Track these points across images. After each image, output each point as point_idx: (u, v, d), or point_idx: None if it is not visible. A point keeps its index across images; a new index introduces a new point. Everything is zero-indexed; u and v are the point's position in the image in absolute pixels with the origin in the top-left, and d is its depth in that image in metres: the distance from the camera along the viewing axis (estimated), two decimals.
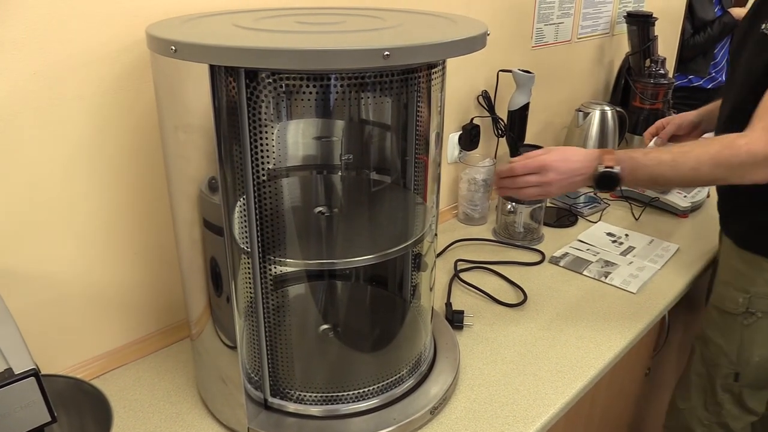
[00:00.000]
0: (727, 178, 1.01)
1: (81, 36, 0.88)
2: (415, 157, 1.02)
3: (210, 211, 0.81)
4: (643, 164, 1.02)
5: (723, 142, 1.00)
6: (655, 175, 1.03)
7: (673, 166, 1.01)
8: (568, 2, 1.84)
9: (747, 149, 0.96)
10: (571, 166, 1.04)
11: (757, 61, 1.07)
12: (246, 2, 1.05)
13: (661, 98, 2.04)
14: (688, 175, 1.01)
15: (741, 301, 1.20)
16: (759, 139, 0.96)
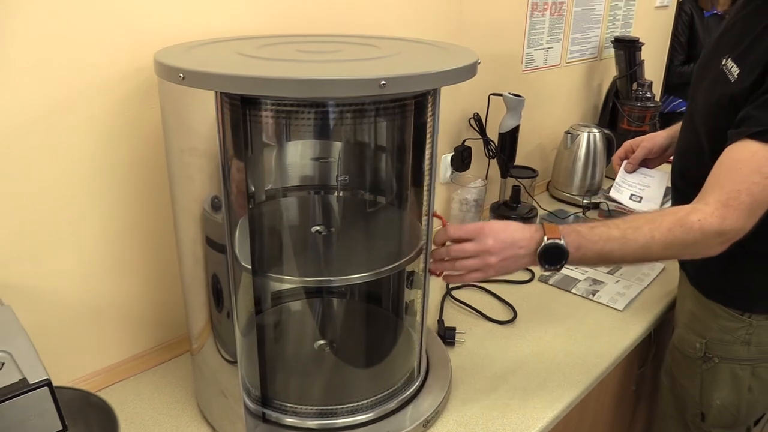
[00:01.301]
0: (680, 255, 0.98)
1: (90, 61, 0.92)
2: (409, 179, 1.06)
3: (213, 229, 0.84)
4: (590, 240, 0.94)
5: (676, 217, 0.94)
6: (604, 252, 0.94)
7: (622, 244, 0.93)
8: (557, 28, 1.90)
9: (700, 226, 0.92)
10: (512, 236, 0.93)
11: (712, 97, 1.06)
12: (248, 29, 1.09)
13: (647, 121, 2.10)
14: (638, 252, 0.94)
15: (698, 346, 1.20)
16: (712, 215, 0.92)
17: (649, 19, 2.39)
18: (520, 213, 1.55)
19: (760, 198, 0.92)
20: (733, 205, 0.92)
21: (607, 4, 2.11)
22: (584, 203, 1.92)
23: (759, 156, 0.92)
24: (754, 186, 0.91)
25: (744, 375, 1.18)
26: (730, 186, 0.93)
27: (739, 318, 1.14)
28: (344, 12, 1.25)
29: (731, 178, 0.94)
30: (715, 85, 1.05)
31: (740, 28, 1.06)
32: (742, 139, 0.94)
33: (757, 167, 0.92)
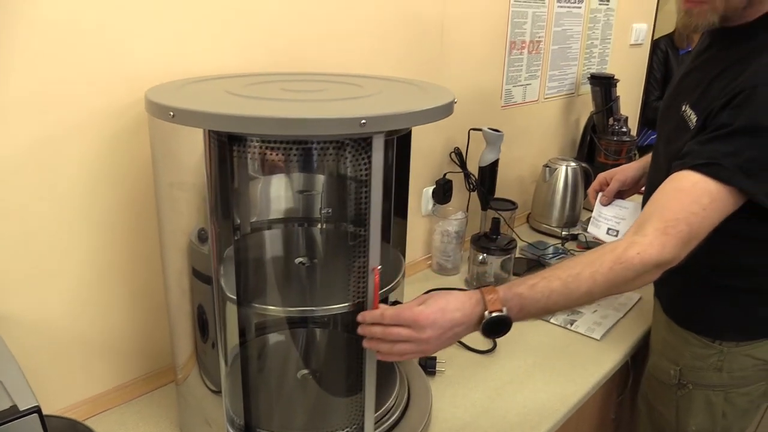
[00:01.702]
0: (623, 290, 0.96)
1: (82, 98, 0.95)
2: (389, 211, 1.10)
3: (199, 260, 0.87)
4: (533, 299, 0.91)
5: (614, 255, 0.92)
6: (548, 306, 0.93)
7: (566, 295, 0.91)
8: (534, 65, 1.97)
9: (640, 260, 0.91)
10: (451, 319, 0.89)
11: (676, 141, 1.09)
12: (236, 67, 1.13)
13: (624, 154, 2.17)
14: (582, 298, 0.93)
15: (672, 372, 1.23)
16: (651, 246, 0.92)
17: (624, 57, 2.48)
18: (499, 244, 1.59)
19: (697, 229, 0.94)
20: (672, 233, 0.93)
21: (583, 43, 2.19)
22: (563, 235, 1.96)
23: (699, 187, 0.94)
24: (692, 216, 0.93)
25: (717, 401, 1.21)
26: (669, 215, 0.94)
27: (710, 345, 1.18)
28: (330, 51, 1.30)
29: (671, 207, 0.95)
30: (678, 131, 1.10)
31: (696, 76, 1.12)
32: (684, 170, 0.97)
33: (696, 198, 0.94)
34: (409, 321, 0.88)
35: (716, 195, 0.93)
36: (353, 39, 1.35)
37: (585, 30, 2.18)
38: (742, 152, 0.93)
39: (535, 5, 1.87)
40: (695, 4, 1.02)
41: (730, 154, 0.94)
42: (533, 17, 1.88)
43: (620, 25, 2.37)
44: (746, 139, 0.93)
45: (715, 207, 0.94)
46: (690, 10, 1.04)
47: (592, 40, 2.25)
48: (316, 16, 1.25)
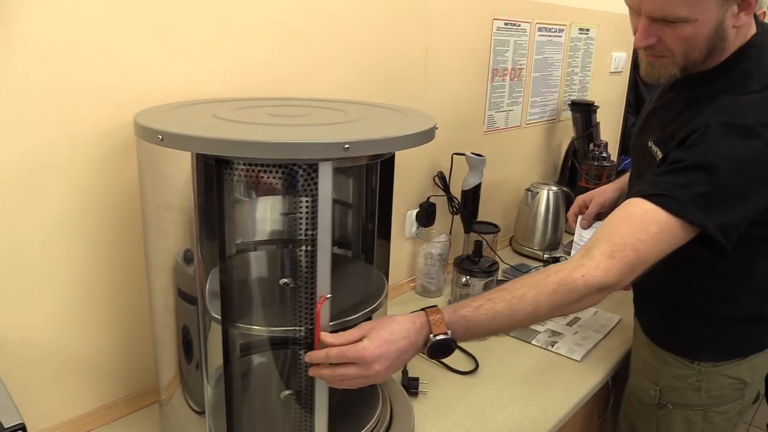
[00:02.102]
0: (567, 312, 0.98)
1: (70, 119, 0.97)
2: (372, 233, 1.12)
3: (184, 281, 0.89)
4: (477, 322, 0.92)
5: (559, 277, 0.94)
6: (492, 329, 0.94)
7: (510, 317, 0.93)
8: (516, 92, 2.02)
9: (584, 282, 0.93)
10: (395, 347, 0.89)
11: (646, 176, 1.12)
12: (224, 91, 1.16)
13: (604, 179, 2.21)
14: (526, 320, 0.94)
15: (653, 393, 1.26)
16: (596, 269, 0.93)
17: (604, 84, 2.54)
18: (482, 267, 1.61)
19: (644, 256, 0.94)
20: (618, 257, 0.94)
21: (564, 70, 2.25)
22: (545, 258, 1.99)
23: (649, 216, 0.95)
24: (640, 243, 0.94)
25: (696, 420, 1.24)
26: (617, 239, 0.95)
27: (688, 366, 1.20)
28: (315, 77, 1.33)
29: (620, 231, 0.96)
30: (649, 167, 1.13)
31: (660, 115, 1.17)
32: (637, 198, 0.99)
33: (645, 225, 0.95)
34: (354, 359, 0.88)
35: (665, 225, 0.95)
36: (338, 66, 1.38)
37: (566, 58, 2.24)
38: (693, 186, 0.95)
39: (516, 34, 1.92)
40: (657, 58, 1.06)
41: (682, 187, 0.96)
42: (515, 45, 1.93)
43: (600, 53, 2.44)
44: (699, 174, 0.96)
45: (663, 237, 0.95)
46: (653, 63, 1.07)
47: (573, 67, 2.31)
48: (302, 43, 1.28)
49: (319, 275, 0.86)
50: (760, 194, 0.98)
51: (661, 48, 1.03)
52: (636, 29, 1.04)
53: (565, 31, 2.18)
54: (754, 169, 0.96)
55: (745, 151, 0.95)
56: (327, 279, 0.87)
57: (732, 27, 1.00)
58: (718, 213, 0.96)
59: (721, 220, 0.96)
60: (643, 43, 1.03)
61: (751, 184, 0.97)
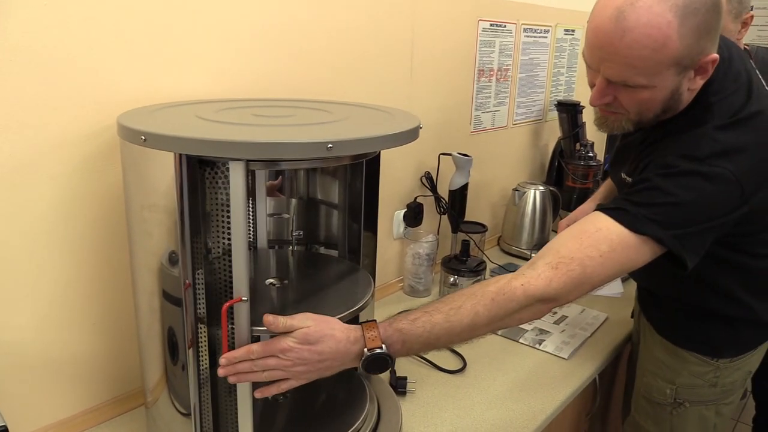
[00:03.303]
0: (507, 324, 0.95)
1: (55, 121, 0.97)
2: (358, 233, 1.12)
3: (169, 282, 0.88)
4: (415, 334, 0.90)
5: (497, 286, 0.92)
6: (431, 341, 0.92)
7: (448, 328, 0.90)
8: (503, 92, 2.03)
9: (523, 291, 0.91)
10: (323, 349, 0.87)
11: None
12: (209, 93, 1.16)
13: (590, 178, 2.22)
14: (464, 332, 0.92)
15: (668, 392, 1.26)
16: (537, 278, 0.91)
17: None
18: (470, 266, 1.62)
19: (590, 273, 0.93)
20: (562, 270, 0.92)
21: (549, 71, 2.26)
22: (533, 257, 2.00)
23: (603, 233, 0.94)
24: (588, 260, 0.92)
25: (709, 414, 1.26)
26: (564, 252, 0.94)
27: (708, 363, 1.22)
28: (300, 79, 1.33)
29: (569, 245, 0.95)
30: (622, 190, 1.16)
31: (629, 151, 1.19)
32: (595, 212, 0.99)
33: (596, 242, 0.93)
34: (278, 351, 0.86)
35: (617, 244, 0.93)
36: (324, 68, 1.38)
37: (551, 59, 2.25)
38: (651, 203, 0.95)
39: (502, 35, 1.93)
40: (611, 113, 1.05)
41: (639, 204, 0.95)
42: (501, 46, 1.94)
43: None
44: (656, 192, 0.96)
45: (614, 257, 0.93)
46: (606, 117, 1.07)
47: (559, 68, 2.32)
48: (287, 45, 1.29)
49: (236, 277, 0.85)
50: (719, 219, 0.98)
51: (616, 106, 1.03)
52: (591, 83, 1.04)
53: (550, 32, 2.19)
54: (709, 200, 0.96)
55: (701, 182, 0.95)
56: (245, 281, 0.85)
57: (687, 90, 1.00)
58: (676, 226, 0.94)
59: (679, 231, 0.95)
60: (598, 102, 1.02)
61: (708, 212, 0.97)
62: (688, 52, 0.92)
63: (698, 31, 0.91)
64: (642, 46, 0.91)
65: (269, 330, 0.87)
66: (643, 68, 0.93)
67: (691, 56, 0.94)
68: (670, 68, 0.94)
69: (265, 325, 0.87)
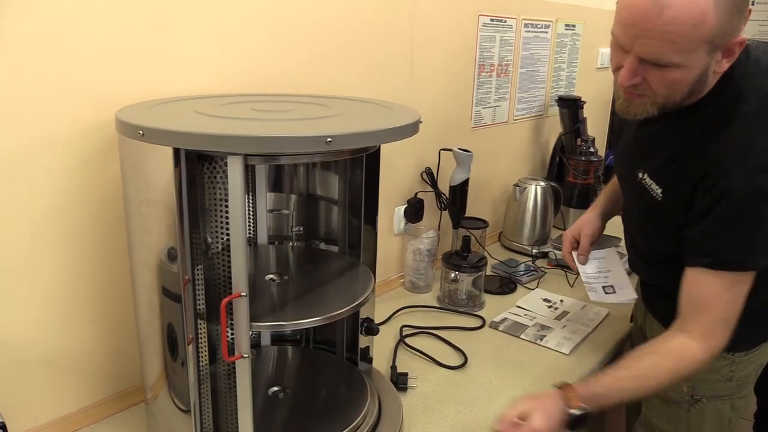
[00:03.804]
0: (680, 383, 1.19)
1: (52, 117, 0.96)
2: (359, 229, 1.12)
3: (169, 279, 0.88)
4: (608, 397, 1.08)
5: (674, 359, 1.07)
6: (618, 400, 1.10)
7: (635, 391, 1.09)
8: (503, 87, 2.02)
9: (696, 361, 1.07)
10: (554, 423, 1.04)
11: (641, 205, 1.17)
12: (208, 88, 1.15)
13: (592, 174, 2.22)
14: (648, 394, 1.16)
15: (685, 389, 1.25)
16: (703, 350, 1.06)
17: (591, 80, 2.55)
18: (470, 262, 1.62)
19: (733, 314, 1.06)
20: (716, 334, 1.06)
21: (550, 66, 2.25)
22: (534, 253, 2.00)
23: (718, 285, 1.05)
24: (727, 311, 1.05)
25: (725, 409, 1.25)
26: (706, 319, 1.07)
27: (723, 357, 1.20)
28: (299, 74, 1.33)
29: (705, 312, 1.06)
30: (641, 196, 1.16)
31: (649, 146, 1.16)
32: (697, 267, 1.06)
33: (720, 293, 1.05)
34: None
35: (737, 281, 1.05)
36: (323, 63, 1.38)
37: (552, 54, 2.24)
38: (741, 238, 1.01)
39: (502, 30, 1.93)
40: (637, 96, 1.05)
41: (734, 243, 1.02)
42: (501, 41, 1.93)
43: (586, 49, 2.45)
44: (741, 224, 1.00)
45: (739, 290, 1.05)
46: (631, 100, 1.06)
47: (560, 63, 2.31)
48: (288, 40, 1.28)
49: (235, 273, 0.85)
50: None
51: (644, 87, 1.03)
52: (617, 65, 1.04)
53: (551, 27, 2.18)
54: None
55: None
56: (244, 277, 0.86)
57: (713, 72, 1.00)
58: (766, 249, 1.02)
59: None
60: (628, 82, 1.02)
61: None
62: (721, 30, 0.93)
63: (731, 10, 0.92)
64: (681, 22, 0.91)
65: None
66: (680, 45, 0.94)
67: (723, 35, 0.94)
68: (703, 46, 0.94)
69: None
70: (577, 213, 2.25)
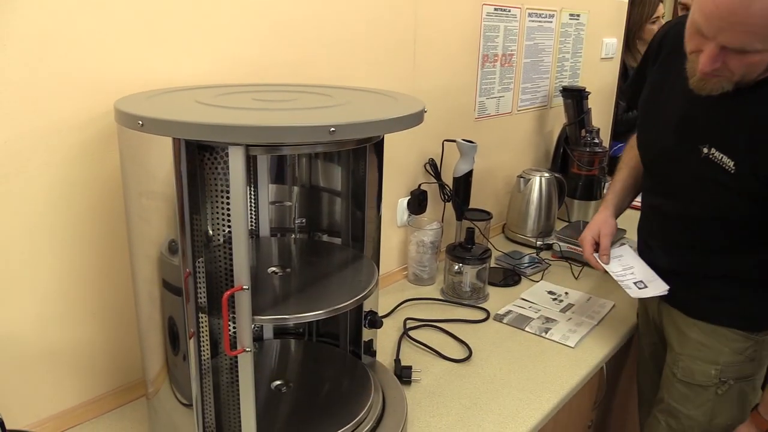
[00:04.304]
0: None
1: (51, 107, 0.95)
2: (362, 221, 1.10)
3: (169, 272, 0.87)
4: None
5: None
6: None
7: None
8: (507, 78, 2.00)
9: None
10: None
11: (707, 182, 1.15)
12: (210, 78, 1.13)
13: (596, 165, 2.20)
14: None
15: (713, 373, 1.26)
16: None
17: (595, 70, 2.52)
18: (474, 254, 1.60)
19: None
20: None
21: (554, 56, 2.23)
22: (538, 245, 1.98)
23: None
24: None
25: (748, 390, 1.27)
26: None
27: (748, 338, 1.23)
28: (302, 64, 1.31)
29: None
30: (705, 172, 1.15)
31: (714, 117, 1.14)
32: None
33: None
34: None
35: None
36: (326, 53, 1.36)
37: (556, 44, 2.22)
38: None
39: (506, 19, 1.90)
40: (714, 76, 1.06)
41: None
42: (505, 31, 1.91)
43: (591, 39, 2.42)
44: None
45: None
46: (708, 79, 1.07)
47: (564, 53, 2.29)
48: (290, 30, 1.26)
49: (237, 266, 0.84)
50: None
51: (722, 69, 1.04)
52: (696, 49, 1.05)
53: (555, 16, 2.15)
54: None
55: None
56: (245, 269, 0.84)
57: None
58: None
59: None
60: (710, 68, 1.03)
61: None
62: None
63: None
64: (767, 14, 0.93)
65: None
66: (764, 35, 0.96)
67: None
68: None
69: None
70: (581, 204, 2.24)
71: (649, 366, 1.51)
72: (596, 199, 2.24)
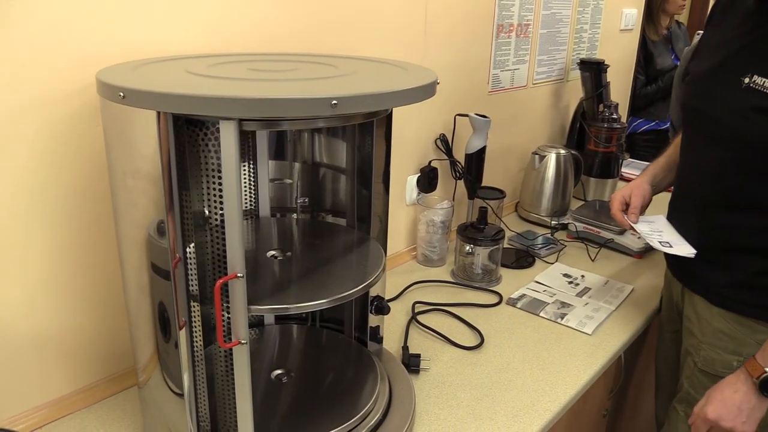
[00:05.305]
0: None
1: (32, 80, 0.88)
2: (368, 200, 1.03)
3: (158, 255, 0.80)
4: None
5: None
6: None
7: None
8: (522, 49, 1.90)
9: None
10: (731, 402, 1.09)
11: (747, 113, 1.07)
12: (207, 47, 1.06)
13: (614, 142, 2.11)
14: None
15: (735, 364, 1.19)
16: None
17: (614, 42, 2.42)
18: (487, 234, 1.53)
19: None
20: None
21: (572, 27, 2.13)
22: (553, 224, 1.90)
23: None
24: None
25: None
26: None
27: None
28: (305, 32, 1.22)
29: None
30: (747, 99, 1.07)
31: (754, 47, 1.09)
32: None
33: None
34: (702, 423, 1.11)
35: None
36: (330, 21, 1.27)
37: (574, 14, 2.11)
38: None
39: None
40: None
41: None
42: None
43: (610, 9, 2.31)
44: None
45: None
46: None
47: (582, 24, 2.18)
48: None
49: (231, 251, 0.77)
50: None
51: None
52: None
53: None
54: None
55: None
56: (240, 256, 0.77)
57: None
58: None
59: None
60: None
61: None
62: None
63: None
64: None
65: None
66: None
67: None
68: None
69: None
70: (598, 183, 2.15)
71: (670, 352, 1.44)
72: (613, 177, 2.16)
